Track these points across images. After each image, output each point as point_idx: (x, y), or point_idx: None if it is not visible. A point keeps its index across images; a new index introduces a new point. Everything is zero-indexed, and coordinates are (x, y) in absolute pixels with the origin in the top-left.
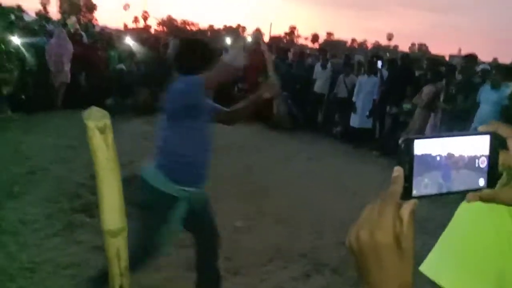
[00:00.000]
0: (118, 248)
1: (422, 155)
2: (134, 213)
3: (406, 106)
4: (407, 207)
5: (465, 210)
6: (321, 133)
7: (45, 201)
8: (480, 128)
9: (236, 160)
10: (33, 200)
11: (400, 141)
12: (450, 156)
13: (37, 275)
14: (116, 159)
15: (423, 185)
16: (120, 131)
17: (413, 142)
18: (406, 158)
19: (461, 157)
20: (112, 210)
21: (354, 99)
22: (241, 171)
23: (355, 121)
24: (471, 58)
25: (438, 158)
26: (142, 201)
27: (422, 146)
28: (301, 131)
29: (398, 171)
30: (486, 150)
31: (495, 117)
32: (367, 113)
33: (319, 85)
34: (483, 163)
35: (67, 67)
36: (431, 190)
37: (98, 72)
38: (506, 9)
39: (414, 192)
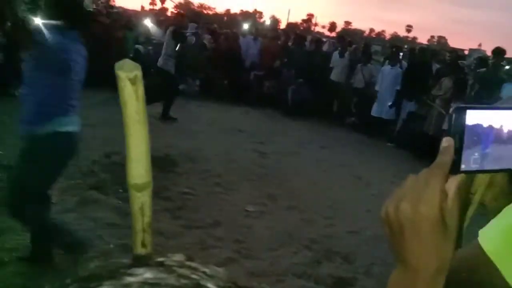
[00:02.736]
0: (142, 203)
1: (474, 126)
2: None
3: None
4: (453, 181)
5: None
6: (336, 122)
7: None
8: None
9: (249, 146)
10: None
11: (451, 110)
12: (501, 130)
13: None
14: (145, 112)
15: (472, 160)
16: None
17: (465, 111)
18: (457, 128)
19: None
20: (139, 163)
21: (377, 88)
22: (254, 157)
23: (377, 110)
24: (499, 52)
25: (490, 132)
26: None
27: (474, 117)
28: (315, 119)
29: (448, 142)
30: None
31: None
32: (389, 103)
33: (336, 73)
34: None
35: None
36: (481, 165)
37: (115, 52)
38: None
39: (463, 167)
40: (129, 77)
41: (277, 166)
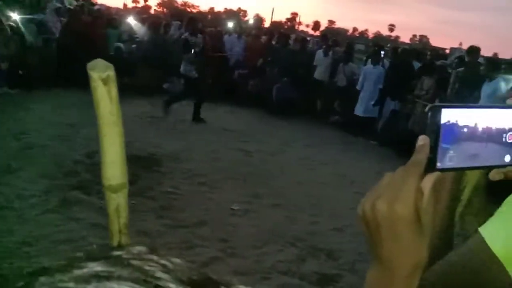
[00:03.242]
0: (118, 204)
1: (449, 125)
2: (132, 191)
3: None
4: (429, 180)
5: None
6: (320, 121)
7: (42, 177)
8: (509, 101)
9: (234, 145)
10: (30, 176)
11: (427, 109)
12: (476, 128)
13: (34, 249)
14: (119, 113)
15: (447, 158)
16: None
17: (440, 110)
18: (432, 127)
19: (488, 130)
20: (114, 165)
21: (358, 87)
22: (239, 155)
23: (359, 109)
24: (474, 50)
25: (464, 130)
26: None
27: (449, 116)
28: (300, 118)
29: (423, 140)
30: None
31: None
32: (373, 102)
33: (320, 72)
34: (510, 138)
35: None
36: (456, 163)
37: (97, 50)
38: (508, 8)
39: (438, 165)
40: (101, 77)
41: (262, 164)
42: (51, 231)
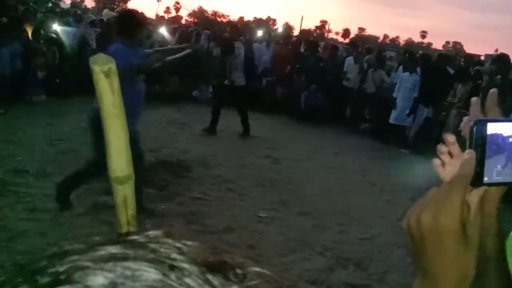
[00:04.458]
0: (125, 195)
1: (495, 139)
2: (158, 196)
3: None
4: (476, 194)
5: None
6: (349, 128)
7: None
8: None
9: (262, 152)
10: None
11: (472, 124)
12: None
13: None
14: (122, 105)
15: (495, 172)
16: (149, 118)
17: (486, 124)
18: (479, 141)
19: None
20: (119, 156)
21: (395, 95)
22: (267, 162)
23: (395, 118)
24: (502, 58)
25: (511, 144)
26: None
27: (495, 129)
28: (328, 125)
29: (470, 154)
30: None
31: None
32: (407, 110)
33: (350, 79)
34: None
35: None
36: (503, 177)
37: None
38: None
39: (485, 179)
40: (103, 70)
41: (289, 172)
42: (84, 233)
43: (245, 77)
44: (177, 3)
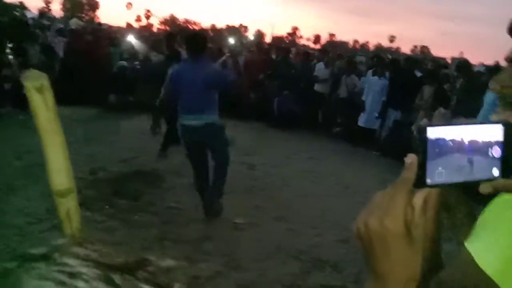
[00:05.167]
0: (68, 208)
1: (436, 143)
2: (135, 206)
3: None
4: (420, 195)
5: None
6: (322, 133)
7: (44, 196)
8: (492, 118)
9: (236, 158)
10: (32, 194)
11: (413, 129)
12: (463, 144)
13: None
14: (57, 121)
15: (437, 174)
16: (122, 127)
17: (426, 129)
18: (420, 145)
19: (474, 145)
20: (58, 171)
21: (363, 98)
22: (241, 168)
23: (364, 121)
24: (464, 63)
25: (451, 146)
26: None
27: (435, 134)
28: (302, 130)
29: (411, 158)
30: (498, 139)
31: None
32: (376, 114)
33: (321, 84)
34: (496, 152)
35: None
36: (445, 179)
37: (100, 69)
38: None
39: (428, 181)
40: (35, 86)
41: (265, 177)
42: (54, 248)
43: None
44: (148, 11)
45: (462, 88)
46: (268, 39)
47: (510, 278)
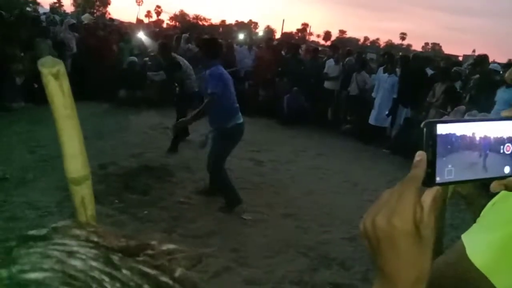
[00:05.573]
0: (82, 196)
1: (446, 140)
2: (144, 201)
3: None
4: (429, 194)
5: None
6: (331, 130)
7: (55, 189)
8: (503, 113)
9: (245, 155)
10: (43, 187)
11: (422, 125)
12: (474, 141)
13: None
14: (73, 107)
15: (446, 172)
16: (132, 122)
17: (435, 126)
18: (429, 142)
19: (485, 142)
20: (73, 158)
21: (374, 95)
22: (250, 165)
23: (374, 118)
24: (482, 60)
25: (462, 143)
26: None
27: (445, 130)
28: (311, 127)
29: (420, 156)
30: (511, 136)
31: None
32: (386, 111)
33: (331, 81)
34: (508, 149)
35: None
36: (455, 176)
37: (110, 64)
38: None
39: (437, 179)
40: (51, 72)
41: (273, 174)
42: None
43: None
44: (158, 6)
45: (476, 85)
46: (278, 35)
47: (498, 270)
